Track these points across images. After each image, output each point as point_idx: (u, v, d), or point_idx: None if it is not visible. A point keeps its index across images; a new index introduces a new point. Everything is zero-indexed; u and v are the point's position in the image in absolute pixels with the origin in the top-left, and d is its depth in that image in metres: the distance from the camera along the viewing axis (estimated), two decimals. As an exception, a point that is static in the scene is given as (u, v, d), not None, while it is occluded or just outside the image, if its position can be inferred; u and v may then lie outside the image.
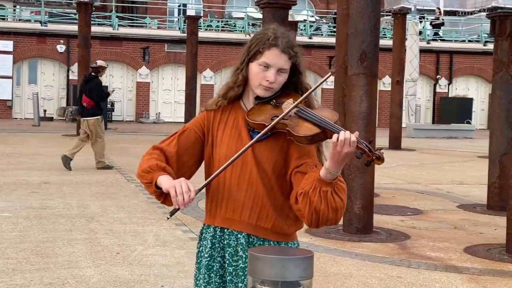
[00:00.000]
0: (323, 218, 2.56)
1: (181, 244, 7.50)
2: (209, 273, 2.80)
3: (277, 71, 2.71)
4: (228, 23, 35.16)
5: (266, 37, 2.73)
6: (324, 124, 2.59)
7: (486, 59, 34.53)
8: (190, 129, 2.83)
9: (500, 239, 8.23)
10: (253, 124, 2.73)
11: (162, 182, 2.63)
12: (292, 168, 2.69)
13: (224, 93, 2.82)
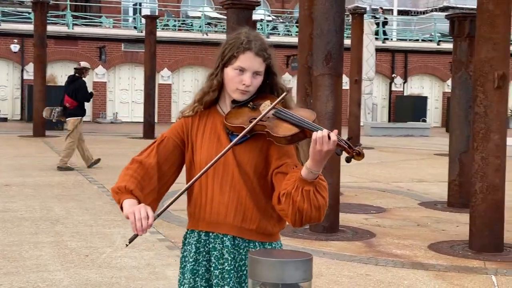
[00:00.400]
0: (306, 217, 2.60)
1: (150, 246, 7.49)
2: (194, 277, 2.81)
3: (252, 74, 2.74)
4: (185, 22, 35.06)
5: (239, 41, 2.76)
6: (302, 124, 2.62)
7: (440, 58, 35.12)
8: (168, 137, 2.84)
9: (462, 235, 8.40)
10: (232, 127, 2.75)
11: (124, 207, 2.66)
12: (273, 169, 2.73)
13: (200, 98, 2.84)
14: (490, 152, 7.50)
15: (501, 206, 7.61)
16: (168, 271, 6.47)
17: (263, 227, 2.76)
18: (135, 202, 2.67)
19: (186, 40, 32.58)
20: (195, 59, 32.81)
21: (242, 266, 2.76)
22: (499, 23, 7.44)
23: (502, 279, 6.53)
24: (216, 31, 34.26)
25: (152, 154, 2.80)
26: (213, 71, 2.82)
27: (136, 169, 2.77)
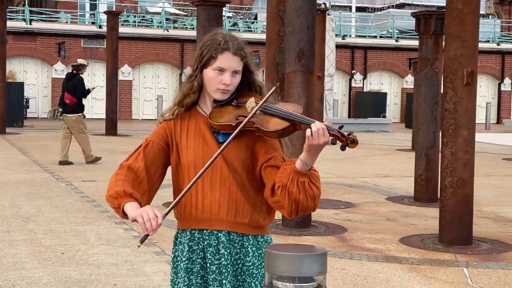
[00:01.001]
0: (302, 207, 2.69)
1: (125, 242, 7.50)
2: (189, 275, 2.85)
3: (231, 73, 2.80)
4: (145, 18, 34.89)
5: (216, 42, 2.82)
6: (292, 117, 2.68)
7: (398, 54, 35.56)
8: (153, 141, 2.87)
9: (431, 229, 8.58)
10: (218, 126, 2.79)
11: (128, 211, 2.69)
12: (261, 163, 2.79)
13: (180, 101, 2.87)
14: (460, 148, 7.67)
15: (470, 200, 7.79)
16: (146, 268, 6.50)
17: (255, 220, 2.84)
18: (137, 205, 2.71)
19: (147, 36, 32.43)
20: (155, 55, 32.68)
21: (237, 260, 2.83)
22: (468, 21, 7.61)
23: (473, 271, 6.70)
24: (176, 27, 34.17)
25: (139, 158, 2.84)
26: (192, 73, 2.86)
27: (126, 174, 2.80)
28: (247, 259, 2.83)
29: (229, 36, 2.85)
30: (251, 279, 2.82)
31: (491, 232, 8.55)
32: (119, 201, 2.73)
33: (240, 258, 2.83)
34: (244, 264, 2.83)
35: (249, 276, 2.82)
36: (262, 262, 2.83)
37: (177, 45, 32.87)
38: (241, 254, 2.83)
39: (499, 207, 10.38)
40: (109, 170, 13.09)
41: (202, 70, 2.82)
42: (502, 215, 9.81)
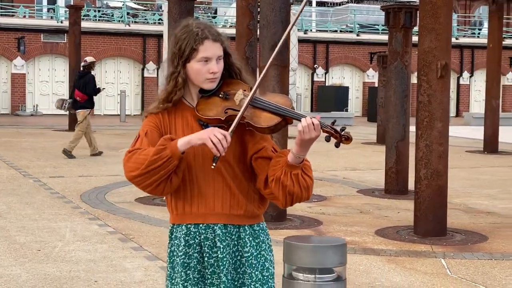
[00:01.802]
0: (297, 198, 2.72)
1: (101, 238, 7.41)
2: (186, 270, 2.83)
3: (216, 60, 2.76)
4: (106, 13, 34.52)
5: (193, 33, 2.75)
6: (283, 112, 2.66)
7: (359, 48, 35.76)
8: (151, 129, 2.80)
9: (404, 221, 8.65)
10: (207, 120, 2.75)
11: (192, 138, 2.64)
12: (251, 154, 2.79)
13: (166, 98, 2.81)
14: (434, 140, 7.74)
15: (444, 192, 7.88)
16: (126, 263, 6.43)
17: (250, 210, 2.83)
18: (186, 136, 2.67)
19: (108, 31, 32.06)
20: (117, 50, 32.34)
21: (235, 252, 2.82)
22: (441, 14, 7.67)
23: (451, 262, 6.77)
24: (136, 22, 33.86)
25: (144, 143, 2.76)
26: (174, 70, 2.79)
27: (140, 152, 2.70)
28: (245, 250, 2.81)
29: (202, 25, 2.79)
30: (251, 269, 2.80)
31: (463, 223, 8.65)
32: (169, 147, 2.64)
33: (238, 250, 2.82)
34: (242, 255, 2.81)
35: (248, 267, 2.81)
36: (260, 251, 2.82)
37: (139, 40, 32.57)
38: (239, 246, 2.82)
39: (468, 199, 10.51)
40: (75, 167, 12.99)
41: (185, 64, 2.77)
42: (472, 207, 9.94)
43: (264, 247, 2.85)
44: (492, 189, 11.64)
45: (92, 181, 11.45)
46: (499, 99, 18.13)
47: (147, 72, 32.68)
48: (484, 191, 11.35)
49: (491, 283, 6.13)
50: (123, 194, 10.19)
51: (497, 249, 7.38)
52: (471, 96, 38.72)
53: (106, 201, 9.60)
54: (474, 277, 6.29)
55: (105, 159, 14.54)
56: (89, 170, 12.77)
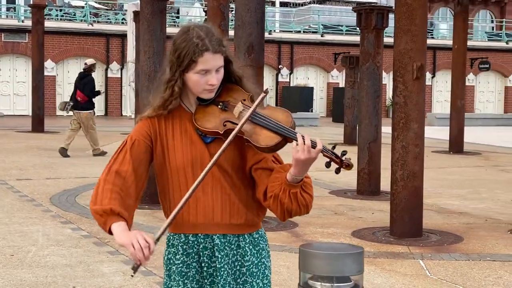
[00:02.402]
0: (295, 214, 2.67)
1: (76, 243, 7.27)
2: (183, 279, 2.76)
3: (215, 71, 2.67)
4: (68, 12, 34.10)
5: (193, 44, 2.64)
6: (283, 131, 2.57)
7: (324, 49, 35.90)
8: (139, 140, 2.72)
9: (379, 222, 8.66)
10: (205, 132, 2.67)
11: (116, 234, 2.58)
12: (251, 164, 2.71)
13: (161, 105, 2.72)
14: (410, 141, 7.76)
15: (420, 193, 7.90)
16: (103, 268, 6.31)
17: (250, 219, 2.76)
18: (125, 225, 2.59)
19: (71, 31, 31.70)
20: (80, 50, 31.98)
21: (235, 262, 2.75)
22: (417, 15, 7.69)
23: (429, 263, 6.78)
24: (99, 22, 33.53)
25: (126, 159, 2.68)
26: (170, 77, 2.69)
27: (114, 181, 2.65)
28: (245, 259, 2.75)
29: (204, 32, 2.66)
30: (252, 278, 2.75)
31: (437, 224, 8.69)
32: (105, 219, 2.60)
33: (237, 260, 2.75)
34: (243, 265, 2.75)
35: (249, 276, 2.75)
36: (261, 259, 2.77)
37: (102, 40, 32.26)
38: (238, 256, 2.75)
39: (439, 199, 10.58)
40: (41, 169, 12.77)
41: (182, 73, 2.67)
42: (444, 207, 10.00)
43: (264, 254, 2.80)
44: (462, 189, 11.74)
45: (61, 183, 11.26)
46: (464, 100, 18.31)
47: (110, 72, 32.40)
48: (454, 192, 11.44)
49: (470, 284, 6.15)
50: (94, 197, 10.01)
51: (473, 249, 7.43)
52: (433, 97, 39.14)
53: (77, 204, 9.45)
54: (453, 278, 6.31)
55: (72, 160, 14.33)
56: (57, 172, 12.57)
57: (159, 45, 9.46)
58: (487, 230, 8.43)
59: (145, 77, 9.44)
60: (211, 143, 2.70)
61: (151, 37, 9.41)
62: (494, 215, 9.43)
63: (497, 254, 7.28)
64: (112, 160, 2.71)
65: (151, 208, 9.26)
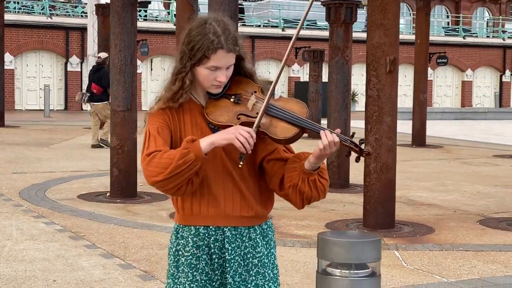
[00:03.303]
0: (313, 200, 2.74)
1: (51, 237, 7.22)
2: (192, 271, 2.75)
3: (225, 68, 2.68)
4: (26, 5, 33.60)
5: (208, 40, 2.63)
6: (300, 123, 2.59)
7: (285, 43, 36.00)
8: (161, 125, 2.69)
9: (351, 214, 8.76)
10: (218, 126, 2.66)
11: (212, 141, 2.56)
12: (263, 156, 2.73)
13: (171, 97, 2.71)
14: (383, 134, 7.86)
15: (393, 185, 8.01)
16: (82, 262, 6.28)
17: (260, 211, 2.78)
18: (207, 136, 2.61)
19: (29, 24, 31.26)
20: (39, 43, 31.57)
21: (247, 254, 2.76)
22: (390, 10, 7.79)
23: (404, 254, 6.89)
24: (58, 15, 33.11)
25: (159, 143, 2.65)
26: (181, 69, 2.69)
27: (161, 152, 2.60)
28: (257, 250, 2.77)
29: (221, 29, 2.65)
30: (264, 269, 2.77)
31: (408, 216, 8.82)
32: (192, 150, 2.54)
33: (249, 251, 2.76)
34: (254, 256, 2.76)
35: (261, 266, 2.77)
36: (270, 249, 2.81)
37: (61, 33, 31.88)
38: (250, 248, 2.76)
39: (408, 191, 10.73)
40: (6, 163, 12.59)
41: (193, 66, 2.67)
42: (412, 199, 10.16)
43: (272, 245, 2.84)
44: (428, 181, 11.93)
45: (28, 178, 11.13)
46: (426, 94, 18.57)
47: (70, 66, 32.04)
48: (421, 184, 11.62)
49: (446, 273, 6.27)
50: (64, 191, 9.95)
51: (445, 240, 7.57)
52: (393, 91, 39.55)
53: (48, 199, 9.36)
54: (429, 268, 6.42)
55: (37, 155, 14.16)
56: (23, 167, 12.41)
57: (130, 39, 9.41)
58: (457, 221, 8.60)
59: (116, 70, 9.39)
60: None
61: (122, 30, 9.36)
62: (462, 207, 9.62)
63: (469, 244, 7.44)
64: (145, 149, 2.66)
65: (124, 202, 9.23)
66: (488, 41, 43.11)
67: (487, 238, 7.75)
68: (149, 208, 8.90)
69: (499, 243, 7.49)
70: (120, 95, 9.41)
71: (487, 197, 10.52)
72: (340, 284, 2.17)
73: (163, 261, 6.36)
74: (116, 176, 9.46)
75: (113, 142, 9.52)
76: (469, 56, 41.67)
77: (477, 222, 8.54)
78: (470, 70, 41.79)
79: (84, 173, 11.78)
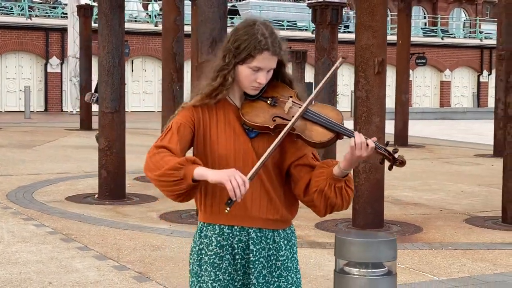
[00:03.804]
0: (336, 209, 2.75)
1: (42, 239, 7.21)
2: (215, 271, 2.76)
3: (267, 71, 2.71)
4: (5, 6, 33.36)
5: (255, 40, 2.67)
6: (336, 128, 2.62)
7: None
8: (184, 124, 2.71)
9: (340, 214, 8.68)
10: (254, 126, 2.69)
11: (207, 174, 2.53)
12: (292, 161, 2.75)
13: (210, 94, 2.73)
14: (372, 134, 7.92)
15: (381, 185, 8.10)
16: (76, 264, 6.29)
17: (285, 215, 2.81)
18: (206, 168, 2.58)
19: (9, 25, 31.04)
20: (19, 45, 31.35)
21: (270, 256, 2.77)
22: (378, 12, 7.87)
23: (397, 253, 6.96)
24: (37, 16, 32.92)
25: (174, 140, 2.67)
26: (224, 66, 2.71)
27: (167, 152, 2.63)
28: (280, 254, 2.78)
29: (269, 32, 2.70)
30: (287, 272, 2.78)
31: (395, 215, 8.92)
32: (184, 171, 2.53)
33: (273, 254, 2.78)
34: (278, 259, 2.78)
35: (284, 270, 2.78)
36: (293, 254, 2.83)
37: (41, 34, 31.68)
38: (274, 250, 2.78)
39: (394, 191, 10.83)
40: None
41: (236, 65, 2.69)
42: (399, 199, 10.26)
43: (295, 250, 2.86)
44: (414, 181, 12.05)
45: (14, 180, 11.09)
46: (408, 94, 18.72)
47: (50, 67, 31.86)
48: (407, 184, 11.73)
49: (437, 272, 6.36)
50: (51, 193, 9.94)
51: (434, 239, 7.66)
52: (372, 91, 39.76)
53: (36, 201, 9.34)
54: (420, 266, 6.50)
55: (21, 157, 14.11)
56: (8, 169, 12.36)
57: (118, 40, 9.42)
58: (444, 220, 8.71)
59: (105, 72, 9.39)
60: (255, 138, 2.72)
61: (110, 32, 9.36)
62: (447, 206, 9.74)
63: (457, 242, 7.54)
64: (158, 140, 2.69)
65: (112, 203, 9.23)
66: (466, 41, 43.46)
67: (474, 236, 7.86)
68: (138, 210, 8.92)
69: (486, 242, 7.60)
70: (108, 97, 9.41)
71: (472, 196, 10.66)
72: (358, 283, 2.23)
73: (157, 262, 6.39)
74: (104, 177, 9.46)
75: (102, 144, 9.52)
76: (447, 57, 42.00)
77: (463, 221, 8.65)
78: (448, 71, 42.12)
79: (70, 175, 11.75)
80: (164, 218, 8.38)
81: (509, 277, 6.23)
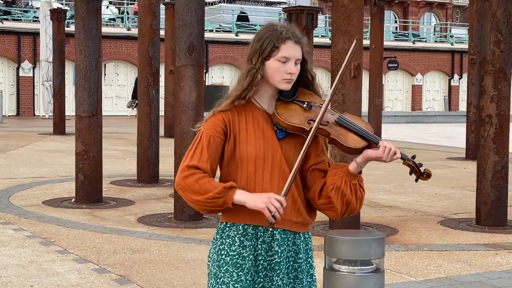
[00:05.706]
0: (351, 209, 2.79)
1: (21, 243, 7.21)
2: (237, 271, 2.79)
3: (294, 62, 2.79)
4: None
5: (277, 32, 2.79)
6: (369, 137, 2.75)
7: (238, 48, 36.17)
8: (215, 137, 2.78)
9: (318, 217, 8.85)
10: (288, 126, 2.75)
11: (245, 200, 2.66)
12: (312, 164, 2.83)
13: (240, 95, 2.79)
14: (349, 138, 8.03)
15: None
16: (56, 267, 6.30)
17: (307, 219, 2.87)
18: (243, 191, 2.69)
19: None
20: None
21: (289, 257, 2.83)
22: (354, 16, 7.97)
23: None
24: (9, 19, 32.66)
25: (204, 158, 2.74)
26: (252, 67, 2.79)
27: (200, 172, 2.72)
28: (299, 256, 2.84)
29: (287, 26, 2.84)
30: (302, 275, 2.84)
31: (371, 218, 9.03)
32: (224, 199, 2.66)
33: (292, 256, 2.83)
34: (295, 261, 2.84)
35: (300, 272, 2.84)
36: (308, 258, 2.89)
37: (13, 38, 31.45)
38: (293, 252, 2.83)
39: (369, 194, 10.91)
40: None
41: (264, 62, 2.78)
42: (374, 201, 10.38)
43: (310, 254, 2.91)
44: (388, 184, 12.19)
45: (-11, 184, 11.04)
46: (381, 98, 18.91)
47: (22, 71, 31.62)
48: (381, 186, 11.87)
49: (414, 273, 6.47)
50: (28, 197, 9.91)
51: (409, 240, 7.78)
52: (345, 95, 40.00)
53: (13, 205, 9.30)
54: (397, 268, 6.61)
55: (-5, 161, 14.02)
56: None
57: (95, 44, 9.43)
58: (419, 222, 8.84)
59: (82, 76, 9.39)
60: (283, 140, 2.79)
61: (87, 36, 9.36)
62: (422, 208, 9.88)
63: (433, 244, 7.67)
64: (189, 158, 2.75)
65: (89, 207, 9.23)
66: (437, 46, 43.93)
67: (449, 238, 7.99)
68: (116, 213, 8.93)
69: (461, 243, 7.74)
70: (85, 101, 9.41)
71: (445, 198, 10.82)
72: (347, 280, 2.30)
73: (137, 265, 6.43)
74: (81, 181, 9.46)
75: (78, 148, 9.52)
76: (419, 61, 42.41)
77: (438, 223, 8.79)
78: (419, 75, 42.52)
79: (46, 179, 11.71)
80: (141, 221, 8.41)
81: (484, 277, 6.35)
